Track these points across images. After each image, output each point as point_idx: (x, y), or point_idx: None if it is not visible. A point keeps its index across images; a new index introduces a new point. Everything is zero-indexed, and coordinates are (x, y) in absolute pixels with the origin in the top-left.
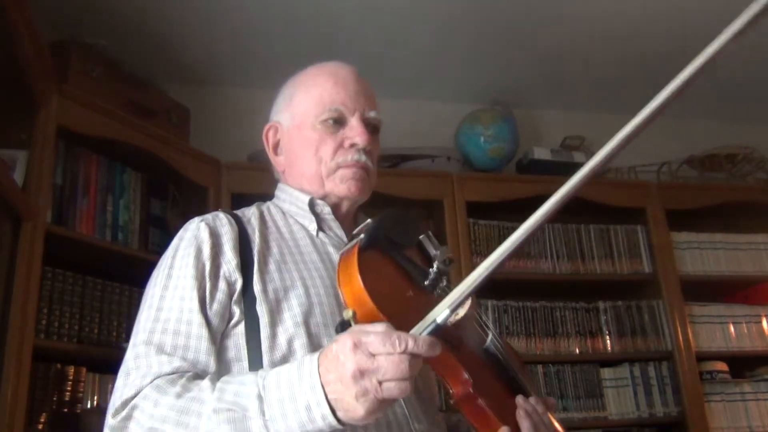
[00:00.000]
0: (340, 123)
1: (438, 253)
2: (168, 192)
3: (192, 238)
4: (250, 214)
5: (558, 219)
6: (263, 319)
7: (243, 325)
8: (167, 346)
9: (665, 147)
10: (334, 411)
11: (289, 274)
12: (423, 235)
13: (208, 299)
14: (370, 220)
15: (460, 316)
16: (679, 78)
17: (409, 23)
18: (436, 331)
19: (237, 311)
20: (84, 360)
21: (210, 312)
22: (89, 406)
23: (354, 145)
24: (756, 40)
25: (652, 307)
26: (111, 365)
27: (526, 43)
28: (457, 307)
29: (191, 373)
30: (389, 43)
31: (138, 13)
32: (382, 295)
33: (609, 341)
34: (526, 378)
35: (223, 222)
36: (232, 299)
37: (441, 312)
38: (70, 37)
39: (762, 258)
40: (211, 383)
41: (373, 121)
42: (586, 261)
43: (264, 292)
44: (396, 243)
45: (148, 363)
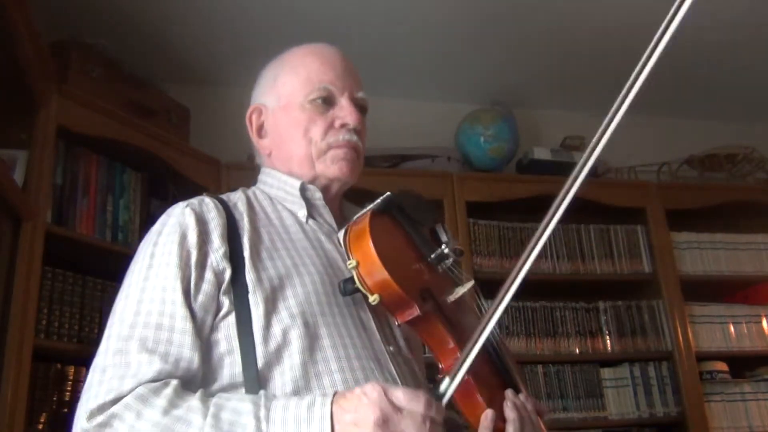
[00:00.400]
0: (329, 103)
1: (449, 240)
2: (168, 192)
3: (176, 224)
4: (236, 198)
5: (558, 219)
6: (257, 309)
7: (233, 316)
8: (149, 342)
9: (665, 147)
10: None
11: (282, 261)
12: (439, 224)
13: (193, 290)
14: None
15: (459, 295)
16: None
17: (409, 23)
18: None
19: (226, 302)
20: (84, 360)
21: (195, 304)
22: None
23: (345, 125)
24: (756, 40)
25: (652, 307)
26: None
27: (526, 43)
28: (462, 367)
29: (177, 383)
30: (389, 44)
31: (138, 13)
32: (388, 255)
33: (609, 341)
34: (520, 376)
35: (209, 207)
36: (220, 290)
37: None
38: (70, 37)
39: (762, 258)
40: (202, 405)
41: (362, 102)
42: (586, 261)
43: (258, 281)
44: (409, 216)
45: (127, 361)
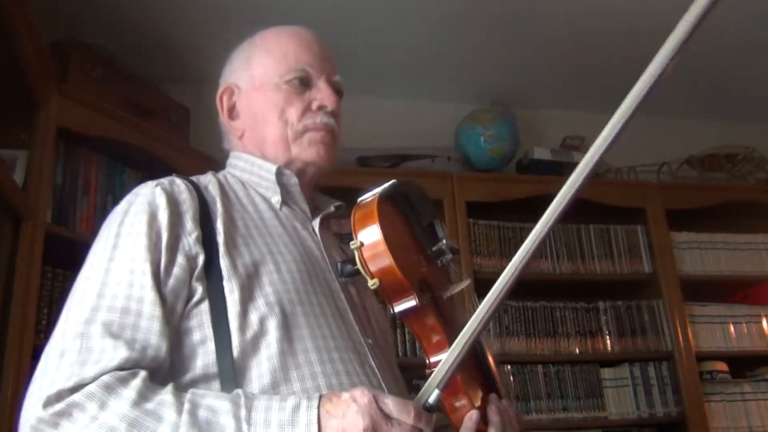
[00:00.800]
0: (306, 84)
1: (446, 237)
2: None
3: (144, 203)
4: (206, 181)
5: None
6: (233, 296)
7: (207, 303)
8: (114, 326)
9: (665, 147)
10: None
11: (257, 248)
12: (437, 219)
13: (163, 274)
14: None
15: (455, 291)
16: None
17: (408, 23)
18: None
19: (199, 289)
20: None
21: (165, 289)
22: None
23: (322, 108)
24: (756, 40)
25: (652, 307)
26: None
27: (526, 43)
28: (447, 375)
29: (145, 374)
30: (389, 44)
31: (138, 13)
32: (392, 240)
33: (609, 341)
34: (502, 381)
35: (181, 189)
36: (192, 275)
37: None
38: (70, 37)
39: (762, 258)
40: (175, 400)
41: (338, 86)
42: (586, 261)
43: (233, 267)
44: (412, 206)
45: (89, 346)
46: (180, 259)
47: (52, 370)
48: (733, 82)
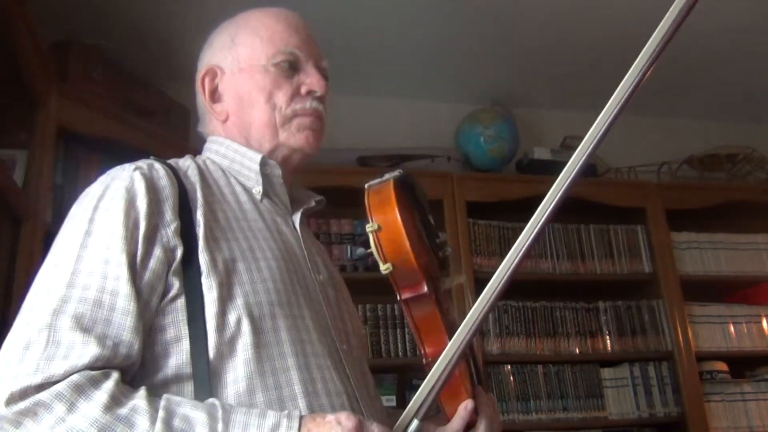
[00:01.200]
0: (294, 68)
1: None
2: None
3: (122, 188)
4: (185, 166)
5: (558, 219)
6: (211, 294)
7: (183, 300)
8: (85, 319)
9: (665, 147)
10: None
11: (237, 244)
12: (430, 214)
13: (139, 267)
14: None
15: (454, 284)
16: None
17: (408, 23)
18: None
19: (175, 284)
20: None
21: (141, 283)
22: None
23: (311, 92)
24: (756, 41)
25: (652, 307)
26: None
27: (526, 43)
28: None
29: (118, 375)
30: (389, 44)
31: (138, 13)
32: (408, 226)
33: (609, 341)
34: (485, 375)
35: (160, 174)
36: (169, 269)
37: (416, 408)
38: (70, 37)
39: (762, 258)
40: (149, 407)
41: (325, 72)
42: (586, 261)
43: (213, 263)
44: (416, 198)
45: (57, 339)
46: (157, 252)
47: (15, 364)
48: (733, 82)
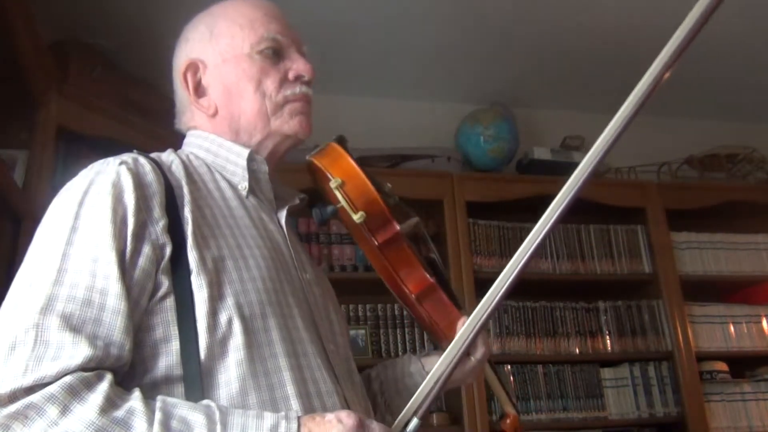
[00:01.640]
0: (278, 55)
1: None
2: None
3: (108, 183)
4: (169, 161)
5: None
6: (201, 293)
7: (172, 299)
8: (74, 319)
9: (665, 147)
10: None
11: (225, 241)
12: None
13: (128, 265)
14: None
15: (412, 225)
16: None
17: (409, 24)
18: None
19: (165, 283)
20: None
21: (130, 281)
22: None
23: (299, 77)
24: (756, 41)
25: (652, 307)
26: None
27: (526, 43)
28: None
29: (111, 376)
30: (389, 44)
31: (138, 13)
32: (367, 175)
33: (609, 341)
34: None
35: (146, 170)
36: (158, 267)
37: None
38: (70, 37)
39: (762, 258)
40: (146, 408)
41: (306, 56)
42: (586, 261)
43: (202, 261)
44: (353, 157)
45: (45, 340)
46: (146, 249)
47: (1, 365)
48: (733, 83)
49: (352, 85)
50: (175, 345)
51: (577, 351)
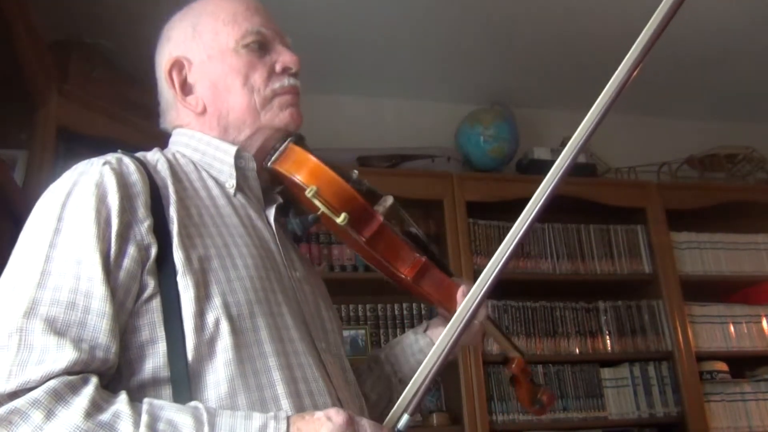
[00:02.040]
0: (263, 48)
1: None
2: None
3: (91, 184)
4: (154, 160)
5: (558, 219)
6: (188, 294)
7: (158, 300)
8: (58, 322)
9: (665, 147)
10: None
11: (211, 240)
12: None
13: (113, 267)
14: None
15: (388, 206)
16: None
17: (409, 24)
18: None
19: (151, 283)
20: None
21: (115, 283)
22: None
23: (287, 69)
24: (756, 41)
25: (652, 307)
26: None
27: (526, 43)
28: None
29: (97, 379)
30: (389, 44)
31: (138, 13)
32: (338, 173)
33: (609, 341)
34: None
35: (131, 170)
36: (144, 268)
37: (409, 398)
38: (70, 37)
39: (762, 258)
40: (132, 411)
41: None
42: (586, 261)
43: (188, 261)
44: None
45: (29, 344)
46: (131, 250)
47: None
48: (733, 82)
49: (352, 85)
50: (161, 347)
51: (577, 351)
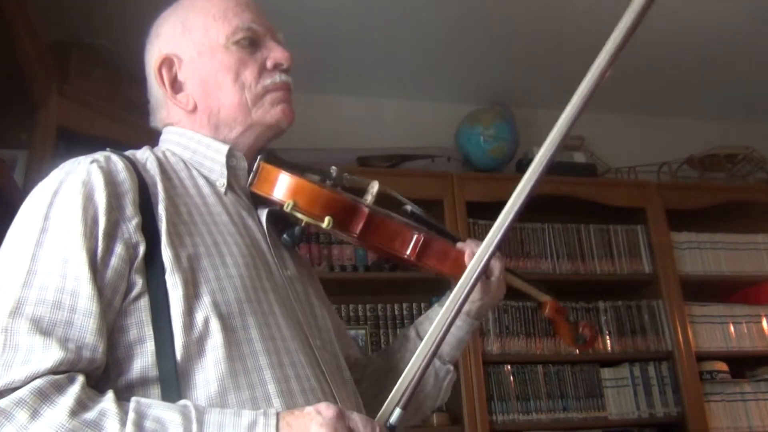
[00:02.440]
0: (254, 44)
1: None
2: None
3: (78, 182)
4: (144, 158)
5: (558, 219)
6: (176, 292)
7: (146, 299)
8: (44, 322)
9: (665, 147)
10: None
11: (201, 239)
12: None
13: (100, 265)
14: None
15: (374, 193)
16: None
17: (409, 24)
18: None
19: (139, 282)
20: None
21: (102, 282)
22: None
23: (278, 65)
24: (756, 41)
25: (652, 307)
26: None
27: (526, 43)
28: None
29: (83, 378)
30: (389, 44)
31: (138, 13)
32: (308, 179)
33: (609, 341)
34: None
35: (119, 168)
36: (131, 267)
37: (397, 399)
38: (70, 37)
39: (762, 258)
40: (118, 409)
41: (282, 43)
42: (586, 261)
43: (176, 259)
44: (287, 161)
45: (15, 343)
46: (119, 249)
47: None
48: (733, 82)
49: (352, 84)
50: (150, 346)
51: (577, 351)
